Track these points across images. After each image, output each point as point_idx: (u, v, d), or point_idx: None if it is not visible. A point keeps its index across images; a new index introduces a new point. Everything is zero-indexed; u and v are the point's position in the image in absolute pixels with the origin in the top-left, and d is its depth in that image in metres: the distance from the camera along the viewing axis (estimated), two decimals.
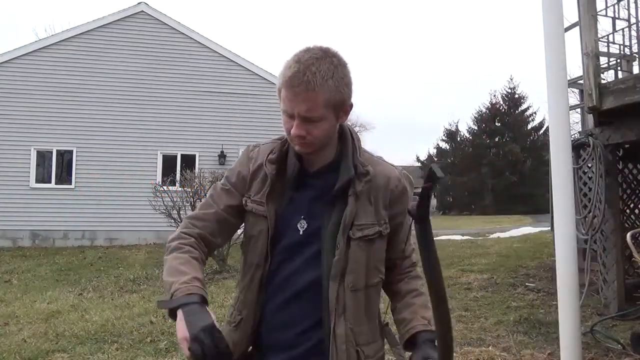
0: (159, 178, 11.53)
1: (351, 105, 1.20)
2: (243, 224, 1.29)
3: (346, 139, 1.24)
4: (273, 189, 1.22)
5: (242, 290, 1.28)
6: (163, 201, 7.97)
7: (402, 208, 1.22)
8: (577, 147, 4.76)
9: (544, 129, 32.32)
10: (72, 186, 11.83)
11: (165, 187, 8.68)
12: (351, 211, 1.17)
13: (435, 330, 1.04)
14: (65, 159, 12.01)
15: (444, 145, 37.00)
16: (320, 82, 1.09)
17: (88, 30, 12.11)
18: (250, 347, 1.27)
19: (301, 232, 1.21)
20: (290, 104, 1.12)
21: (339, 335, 1.17)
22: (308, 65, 1.10)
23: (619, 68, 4.85)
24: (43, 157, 11.87)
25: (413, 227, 1.10)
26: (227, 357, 0.99)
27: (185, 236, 1.23)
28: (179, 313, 1.06)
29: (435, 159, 36.90)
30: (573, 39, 5.09)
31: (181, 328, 1.03)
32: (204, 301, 1.08)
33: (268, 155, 1.23)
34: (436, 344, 1.08)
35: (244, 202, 1.24)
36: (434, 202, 40.19)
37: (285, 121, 1.16)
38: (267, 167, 1.22)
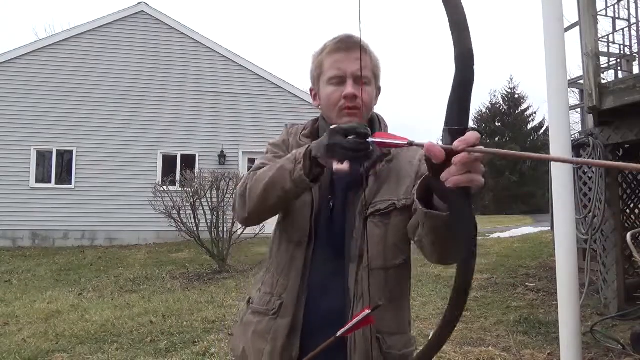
0: (159, 178, 11.52)
1: (380, 88, 1.27)
2: None
3: (374, 123, 1.27)
4: None
5: (280, 273, 1.19)
6: (163, 201, 7.97)
7: (424, 170, 1.15)
8: (577, 147, 4.75)
9: (544, 129, 32.32)
10: (72, 186, 11.83)
11: (165, 187, 8.67)
12: (370, 191, 1.15)
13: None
14: (65, 159, 12.01)
15: None
16: (367, 48, 1.20)
17: (88, 30, 12.11)
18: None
19: (330, 211, 1.18)
20: (343, 64, 1.16)
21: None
22: (352, 35, 1.19)
23: (619, 68, 4.85)
24: (43, 157, 11.87)
25: None
26: (365, 135, 0.93)
27: None
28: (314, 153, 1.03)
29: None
30: (573, 39, 5.09)
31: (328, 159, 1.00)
32: None
33: (302, 132, 1.28)
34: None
35: None
36: None
37: (332, 91, 1.18)
38: (302, 141, 1.24)
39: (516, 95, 34.95)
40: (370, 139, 0.90)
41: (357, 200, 1.16)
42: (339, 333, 0.98)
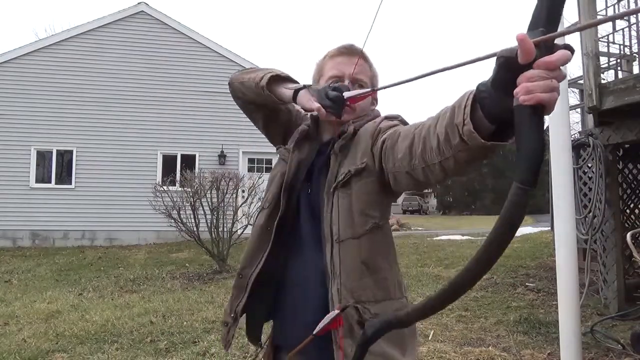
0: (159, 178, 11.52)
1: (377, 98, 1.37)
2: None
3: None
4: (302, 144, 1.31)
5: (250, 243, 1.29)
6: (163, 201, 7.96)
7: (386, 125, 1.15)
8: (577, 147, 4.76)
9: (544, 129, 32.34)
10: (72, 186, 11.83)
11: (165, 187, 8.67)
12: (332, 169, 1.19)
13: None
14: (65, 159, 12.01)
15: None
16: (367, 56, 1.30)
17: (88, 30, 12.11)
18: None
19: (308, 193, 1.25)
20: (343, 67, 1.26)
21: (333, 294, 1.10)
22: (354, 45, 1.29)
23: (619, 68, 4.85)
24: (43, 157, 11.87)
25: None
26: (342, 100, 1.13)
27: None
28: (306, 91, 1.21)
29: None
30: (573, 39, 5.09)
31: (310, 98, 1.18)
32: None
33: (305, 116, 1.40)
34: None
35: (277, 148, 1.38)
36: (433, 202, 40.14)
37: None
38: (304, 121, 1.37)
39: None
40: (345, 95, 1.12)
41: (325, 181, 1.21)
42: (314, 332, 1.03)
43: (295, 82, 1.29)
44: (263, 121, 1.46)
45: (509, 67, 0.61)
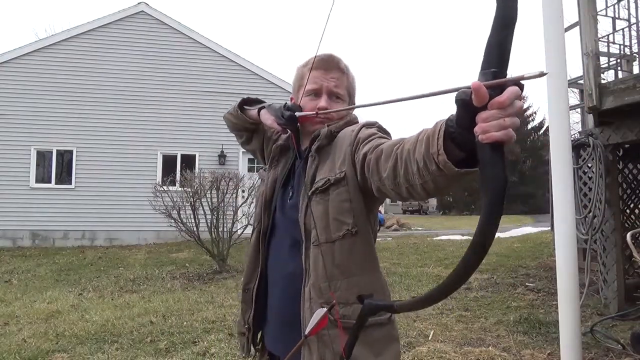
0: (159, 178, 11.53)
1: (354, 103, 1.40)
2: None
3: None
4: (277, 162, 1.40)
5: (248, 261, 1.40)
6: (163, 201, 7.96)
7: (365, 135, 1.16)
8: (577, 147, 4.76)
9: (544, 129, 32.33)
10: (72, 186, 11.83)
11: (165, 187, 8.67)
12: (308, 171, 1.23)
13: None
14: (65, 159, 12.01)
15: None
16: (346, 67, 1.34)
17: (88, 30, 12.11)
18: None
19: (288, 201, 1.31)
20: (320, 79, 1.30)
21: (305, 293, 1.18)
22: (332, 54, 1.33)
23: (619, 68, 4.85)
24: (43, 157, 11.87)
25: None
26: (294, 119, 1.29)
27: None
28: (265, 110, 1.39)
29: None
30: (573, 39, 5.09)
31: (269, 117, 1.35)
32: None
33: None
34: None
35: (259, 172, 1.50)
36: (433, 202, 40.12)
37: (307, 102, 1.32)
38: (279, 137, 1.46)
39: None
40: (297, 114, 1.27)
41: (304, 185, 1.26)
42: (306, 331, 1.11)
43: (263, 102, 1.48)
44: (247, 143, 1.62)
45: (467, 108, 0.66)
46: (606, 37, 4.81)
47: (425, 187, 0.88)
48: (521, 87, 0.63)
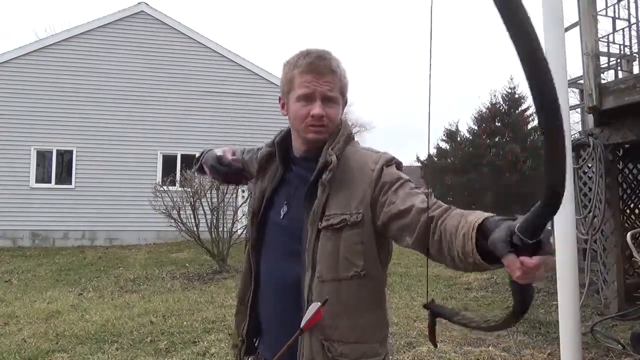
0: (159, 178, 11.52)
1: (347, 100, 1.30)
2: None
3: (337, 130, 1.28)
4: (263, 170, 1.35)
5: (242, 277, 1.39)
6: (163, 201, 7.96)
7: (390, 179, 1.15)
8: (577, 147, 4.76)
9: None
10: (72, 186, 11.83)
11: (165, 187, 8.67)
12: (319, 202, 1.18)
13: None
14: (65, 159, 12.01)
15: (444, 145, 36.96)
16: (337, 66, 1.23)
17: (88, 30, 12.11)
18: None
19: (282, 216, 1.26)
20: (313, 84, 1.20)
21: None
22: (322, 53, 1.22)
23: (619, 68, 4.85)
24: (43, 157, 11.87)
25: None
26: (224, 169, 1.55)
27: None
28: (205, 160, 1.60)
29: (436, 159, 36.87)
30: (573, 39, 5.09)
31: (206, 161, 1.57)
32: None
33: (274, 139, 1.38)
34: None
35: (248, 184, 1.47)
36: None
37: (300, 108, 1.22)
38: (260, 150, 1.41)
39: (516, 95, 34.79)
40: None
41: (309, 209, 1.19)
42: (301, 326, 1.12)
43: (201, 154, 1.70)
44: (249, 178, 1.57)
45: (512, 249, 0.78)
46: (606, 37, 4.81)
47: (460, 266, 0.98)
48: (551, 253, 0.78)
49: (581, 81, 5.02)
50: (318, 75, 1.19)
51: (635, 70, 5.05)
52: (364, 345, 1.18)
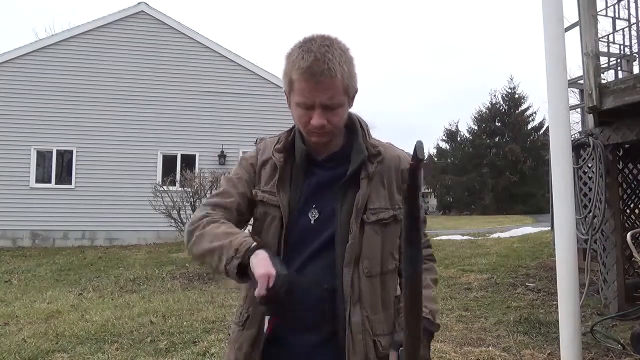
0: (159, 178, 11.53)
1: (357, 90, 1.20)
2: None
3: (354, 125, 1.24)
4: (283, 178, 1.20)
5: (249, 287, 1.19)
6: (163, 201, 7.97)
7: None
8: (577, 147, 4.75)
9: (544, 129, 32.36)
10: (72, 186, 11.84)
11: (165, 187, 8.67)
12: (364, 194, 1.16)
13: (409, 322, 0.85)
14: (65, 159, 12.02)
15: (444, 145, 37.02)
16: (338, 68, 1.09)
17: (88, 30, 12.12)
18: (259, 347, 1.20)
19: (312, 222, 1.18)
20: (311, 93, 1.10)
21: (355, 323, 1.13)
22: (323, 52, 1.09)
23: (619, 68, 4.85)
24: (43, 157, 11.87)
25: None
26: (288, 302, 1.02)
27: (214, 214, 1.19)
28: (259, 254, 1.03)
29: (436, 159, 36.91)
30: (573, 39, 5.08)
31: (264, 265, 1.00)
32: None
33: (275, 145, 1.24)
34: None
35: (254, 193, 1.22)
36: (433, 202, 40.17)
37: (301, 114, 1.14)
38: (274, 156, 1.22)
39: (516, 95, 34.94)
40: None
41: (346, 205, 1.16)
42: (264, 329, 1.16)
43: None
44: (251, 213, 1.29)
45: None
46: (606, 37, 4.80)
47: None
48: None
49: (581, 81, 5.02)
50: (317, 84, 1.08)
51: (635, 70, 5.04)
52: (391, 335, 1.21)
